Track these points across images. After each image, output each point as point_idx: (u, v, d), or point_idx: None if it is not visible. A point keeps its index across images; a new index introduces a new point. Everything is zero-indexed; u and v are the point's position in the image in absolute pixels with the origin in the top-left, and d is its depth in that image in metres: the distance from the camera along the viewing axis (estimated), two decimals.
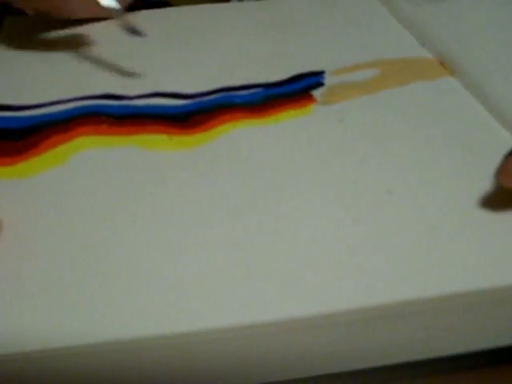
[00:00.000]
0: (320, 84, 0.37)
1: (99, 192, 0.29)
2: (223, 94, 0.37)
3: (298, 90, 0.37)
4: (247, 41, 0.43)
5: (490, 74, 0.36)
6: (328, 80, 0.38)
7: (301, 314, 0.23)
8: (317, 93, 0.37)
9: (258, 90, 0.37)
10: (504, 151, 0.27)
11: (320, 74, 0.38)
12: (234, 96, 0.36)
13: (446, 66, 0.39)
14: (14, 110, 0.35)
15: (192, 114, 0.35)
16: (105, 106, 0.35)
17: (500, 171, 0.26)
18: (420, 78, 0.37)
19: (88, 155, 0.32)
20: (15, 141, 0.33)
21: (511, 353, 0.26)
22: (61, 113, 0.35)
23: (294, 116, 0.35)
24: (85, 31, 0.43)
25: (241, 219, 0.27)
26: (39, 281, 0.24)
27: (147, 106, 0.36)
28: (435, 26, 0.42)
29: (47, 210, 0.28)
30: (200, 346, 0.23)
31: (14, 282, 0.24)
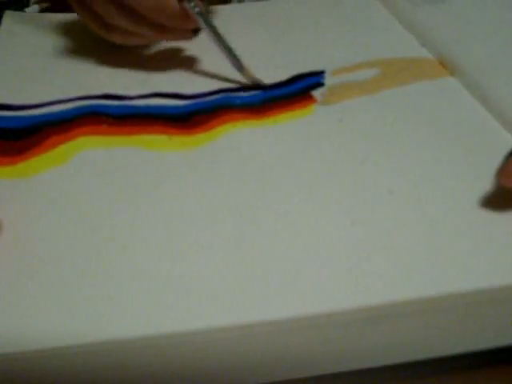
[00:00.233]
0: (320, 84, 0.37)
1: (99, 192, 0.29)
2: (223, 94, 0.37)
3: (298, 90, 0.37)
4: (247, 41, 0.43)
5: (490, 74, 0.36)
6: (328, 80, 0.38)
7: (301, 314, 0.23)
8: (317, 93, 0.37)
9: (258, 90, 0.37)
10: (504, 151, 0.27)
11: (320, 73, 0.38)
12: (233, 97, 0.36)
13: (445, 66, 0.39)
14: (14, 109, 0.35)
15: (192, 115, 0.35)
16: (105, 106, 0.35)
17: (500, 172, 0.26)
18: (420, 78, 0.37)
19: (88, 155, 0.32)
20: (15, 140, 0.33)
21: (510, 353, 0.26)
22: (61, 113, 0.35)
23: (294, 117, 0.35)
24: (85, 31, 0.43)
25: (240, 219, 0.27)
26: (39, 281, 0.24)
27: (147, 106, 0.36)
28: (435, 26, 0.42)
29: (47, 210, 0.28)
30: (200, 345, 0.23)
31: (13, 281, 0.24)
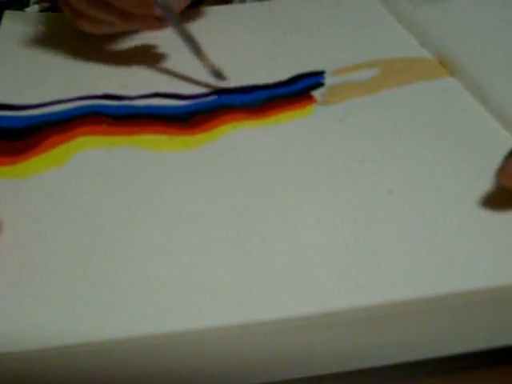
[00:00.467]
0: (320, 84, 0.37)
1: (99, 192, 0.29)
2: (223, 94, 0.37)
3: (298, 90, 0.37)
4: (248, 41, 0.43)
5: (490, 74, 0.36)
6: (328, 80, 0.38)
7: (301, 314, 0.23)
8: (317, 93, 0.37)
9: (258, 90, 0.37)
10: (504, 151, 0.27)
11: (320, 74, 0.38)
12: (233, 97, 0.36)
13: (445, 65, 0.39)
14: (14, 109, 0.35)
15: (192, 115, 0.35)
16: (105, 106, 0.35)
17: (500, 172, 0.26)
18: (420, 78, 0.37)
19: (88, 155, 0.32)
20: (15, 140, 0.33)
21: (510, 353, 0.26)
22: (61, 113, 0.35)
23: (294, 117, 0.35)
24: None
25: (240, 219, 0.27)
26: (39, 281, 0.24)
27: (147, 106, 0.36)
28: (435, 27, 0.42)
29: (47, 210, 0.28)
30: (199, 345, 0.23)
31: (14, 281, 0.24)
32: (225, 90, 0.37)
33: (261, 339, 0.23)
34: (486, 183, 0.28)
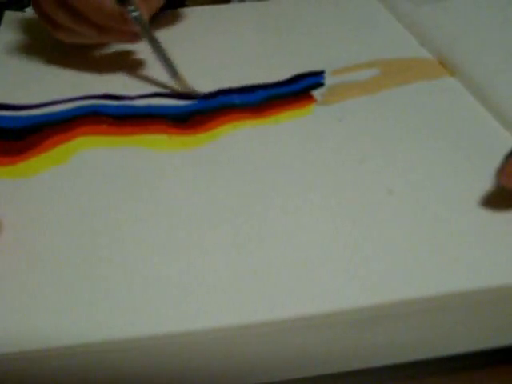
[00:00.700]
0: (320, 84, 0.37)
1: (99, 192, 0.29)
2: (223, 94, 0.37)
3: (298, 90, 0.37)
4: (247, 41, 0.43)
5: (490, 74, 0.36)
6: (328, 80, 0.38)
7: (300, 315, 0.23)
8: (317, 93, 0.37)
9: (258, 90, 0.37)
10: (504, 151, 0.27)
11: (320, 74, 0.38)
12: (234, 97, 0.36)
13: (445, 66, 0.39)
14: (14, 109, 0.35)
15: (192, 115, 0.35)
16: (105, 106, 0.35)
17: (500, 172, 0.26)
18: (420, 78, 0.37)
19: (88, 155, 0.32)
20: (15, 140, 0.33)
21: (510, 353, 0.26)
22: (61, 113, 0.35)
23: (294, 116, 0.35)
24: None
25: (241, 219, 0.27)
26: (39, 281, 0.24)
27: (147, 106, 0.36)
28: (435, 26, 0.42)
29: (47, 210, 0.28)
30: (200, 345, 0.23)
31: (14, 281, 0.24)
32: (225, 89, 0.37)
33: (261, 339, 0.23)
34: (486, 183, 0.28)
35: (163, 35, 0.39)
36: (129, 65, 0.40)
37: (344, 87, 0.37)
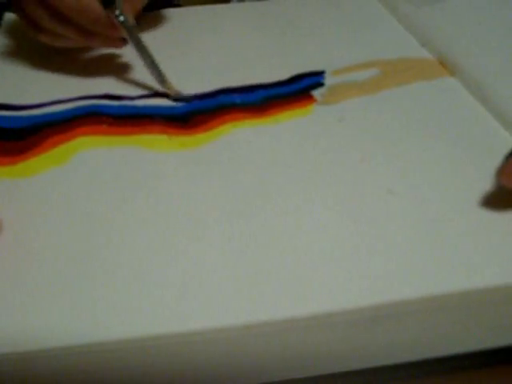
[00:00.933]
0: (320, 84, 0.37)
1: (99, 192, 0.29)
2: (223, 94, 0.37)
3: (298, 90, 0.37)
4: (247, 41, 0.43)
5: (490, 74, 0.36)
6: (328, 80, 0.38)
7: (301, 314, 0.23)
8: (317, 93, 0.37)
9: (258, 90, 0.37)
10: (504, 151, 0.27)
11: (320, 74, 0.39)
12: (234, 96, 0.36)
13: (445, 66, 0.39)
14: (14, 109, 0.35)
15: (192, 115, 0.35)
16: (105, 106, 0.35)
17: (501, 171, 0.26)
18: (420, 78, 0.37)
19: (88, 155, 0.32)
20: (15, 140, 0.33)
21: (510, 353, 0.26)
22: (61, 113, 0.35)
23: (294, 116, 0.35)
24: None
25: (241, 219, 0.27)
26: (39, 281, 0.24)
27: (147, 107, 0.36)
28: (435, 27, 0.42)
29: (47, 210, 0.28)
30: (200, 345, 0.23)
31: (14, 281, 0.24)
32: (225, 89, 0.37)
33: (261, 339, 0.23)
34: (486, 183, 0.28)
35: (163, 35, 0.39)
36: (129, 65, 0.40)
37: (344, 87, 0.37)
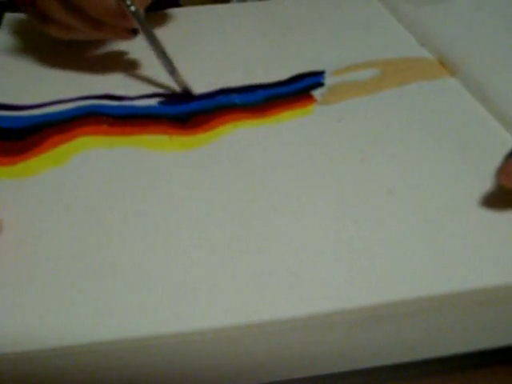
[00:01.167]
0: (320, 84, 0.37)
1: (99, 192, 0.29)
2: (223, 94, 0.37)
3: (298, 90, 0.37)
4: (247, 41, 0.43)
5: (490, 74, 0.36)
6: (328, 80, 0.38)
7: (301, 314, 0.23)
8: (317, 93, 0.37)
9: (259, 90, 0.37)
10: (504, 151, 0.27)
11: (320, 74, 0.39)
12: (234, 96, 0.36)
13: (445, 66, 0.39)
14: (14, 109, 0.35)
15: (192, 115, 0.35)
16: (105, 107, 0.35)
17: (500, 171, 0.26)
18: (420, 78, 0.37)
19: (88, 155, 0.32)
20: (16, 140, 0.33)
21: (510, 353, 0.26)
22: (61, 113, 0.35)
23: (294, 116, 0.35)
24: None
25: (241, 219, 0.27)
26: (39, 281, 0.24)
27: (147, 107, 0.36)
28: (435, 27, 0.42)
29: (47, 210, 0.28)
30: (200, 345, 0.23)
31: (14, 281, 0.24)
32: (225, 89, 0.37)
33: (261, 339, 0.23)
34: (486, 183, 0.28)
35: (163, 35, 0.39)
36: (129, 65, 0.40)
37: (344, 87, 0.37)
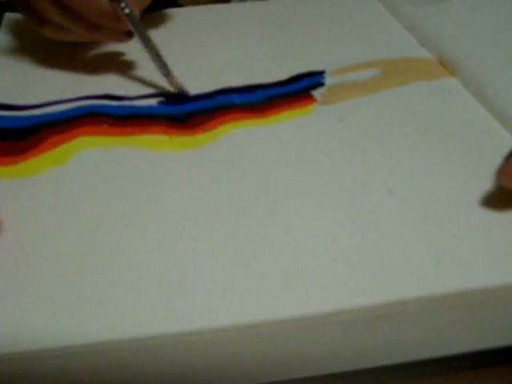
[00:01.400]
0: (320, 84, 0.37)
1: (99, 192, 0.29)
2: (223, 94, 0.37)
3: (298, 89, 0.37)
4: (247, 41, 0.43)
5: (490, 74, 0.36)
6: (328, 80, 0.38)
7: (301, 314, 0.23)
8: (317, 93, 0.37)
9: (258, 90, 0.37)
10: (504, 151, 0.27)
11: (320, 74, 0.39)
12: (234, 96, 0.36)
13: (445, 66, 0.39)
14: (14, 109, 0.35)
15: (192, 115, 0.35)
16: (105, 107, 0.35)
17: (500, 171, 0.26)
18: (420, 78, 0.37)
19: (88, 155, 0.32)
20: (16, 140, 0.33)
21: (510, 353, 0.26)
22: (61, 113, 0.35)
23: (294, 116, 0.35)
24: None
25: (241, 219, 0.27)
26: (39, 281, 0.24)
27: (147, 107, 0.36)
28: (435, 27, 0.42)
29: (47, 210, 0.28)
30: (200, 345, 0.23)
31: (14, 282, 0.24)
32: (225, 89, 0.37)
33: (260, 339, 0.23)
34: (486, 183, 0.28)
35: (163, 35, 0.39)
36: (129, 65, 0.40)
37: (344, 87, 0.37)
